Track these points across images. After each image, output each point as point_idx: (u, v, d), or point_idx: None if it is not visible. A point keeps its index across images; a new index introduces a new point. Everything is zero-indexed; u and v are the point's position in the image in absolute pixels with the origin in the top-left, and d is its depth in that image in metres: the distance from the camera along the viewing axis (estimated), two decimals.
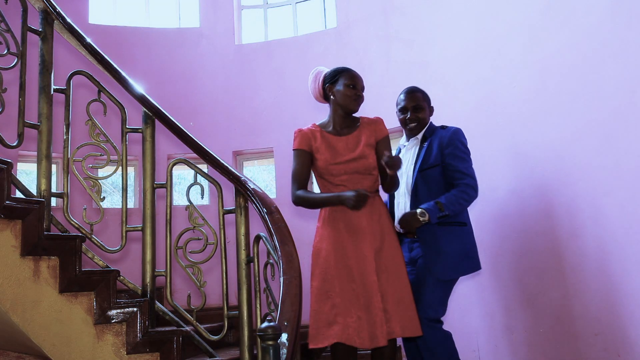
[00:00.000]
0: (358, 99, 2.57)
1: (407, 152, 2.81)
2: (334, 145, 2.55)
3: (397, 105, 2.83)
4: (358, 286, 2.36)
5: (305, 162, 2.56)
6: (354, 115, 2.64)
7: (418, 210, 2.53)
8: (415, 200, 2.64)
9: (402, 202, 2.73)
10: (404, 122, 2.79)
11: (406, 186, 2.72)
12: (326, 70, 2.67)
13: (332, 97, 2.60)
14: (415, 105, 2.75)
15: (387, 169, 2.34)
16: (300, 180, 2.54)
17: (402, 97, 2.81)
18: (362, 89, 2.60)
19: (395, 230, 2.58)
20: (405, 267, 2.50)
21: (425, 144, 2.73)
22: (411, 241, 2.72)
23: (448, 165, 2.67)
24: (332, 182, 2.53)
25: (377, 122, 2.62)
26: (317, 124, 2.64)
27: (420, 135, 2.78)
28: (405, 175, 2.74)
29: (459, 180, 2.64)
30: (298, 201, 2.53)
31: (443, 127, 2.79)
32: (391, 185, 2.52)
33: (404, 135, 2.89)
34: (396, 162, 2.32)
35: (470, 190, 2.62)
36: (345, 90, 2.55)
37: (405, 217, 2.55)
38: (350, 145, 2.55)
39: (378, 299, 2.33)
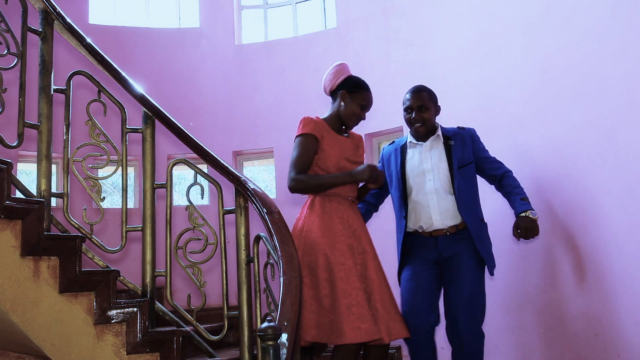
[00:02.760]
0: (360, 120, 2.63)
1: (426, 151, 2.74)
2: (342, 143, 2.58)
3: (403, 104, 2.79)
4: (359, 280, 2.37)
5: (313, 148, 2.49)
6: None
7: (528, 213, 2.57)
8: (459, 196, 2.65)
9: (433, 200, 2.66)
10: (409, 122, 2.75)
11: (440, 184, 2.67)
12: (351, 73, 2.66)
13: (341, 102, 2.59)
14: (421, 105, 2.70)
15: (371, 183, 2.47)
16: (302, 165, 2.46)
17: (407, 96, 2.76)
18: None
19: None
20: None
21: (452, 142, 2.73)
22: (443, 239, 2.66)
23: (483, 159, 2.78)
24: None
25: (360, 139, 2.75)
26: (321, 117, 2.63)
27: (440, 134, 2.76)
28: (436, 171, 2.69)
29: (499, 170, 2.76)
30: (299, 185, 2.44)
31: (462, 128, 2.83)
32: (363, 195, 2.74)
33: (409, 135, 2.83)
34: (380, 177, 2.47)
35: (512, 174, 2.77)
36: (355, 108, 2.58)
37: (526, 226, 2.54)
38: (353, 147, 2.65)
39: (375, 299, 2.36)
